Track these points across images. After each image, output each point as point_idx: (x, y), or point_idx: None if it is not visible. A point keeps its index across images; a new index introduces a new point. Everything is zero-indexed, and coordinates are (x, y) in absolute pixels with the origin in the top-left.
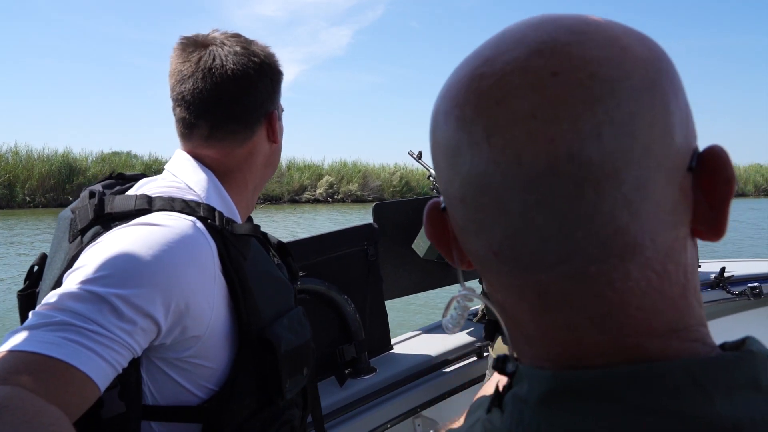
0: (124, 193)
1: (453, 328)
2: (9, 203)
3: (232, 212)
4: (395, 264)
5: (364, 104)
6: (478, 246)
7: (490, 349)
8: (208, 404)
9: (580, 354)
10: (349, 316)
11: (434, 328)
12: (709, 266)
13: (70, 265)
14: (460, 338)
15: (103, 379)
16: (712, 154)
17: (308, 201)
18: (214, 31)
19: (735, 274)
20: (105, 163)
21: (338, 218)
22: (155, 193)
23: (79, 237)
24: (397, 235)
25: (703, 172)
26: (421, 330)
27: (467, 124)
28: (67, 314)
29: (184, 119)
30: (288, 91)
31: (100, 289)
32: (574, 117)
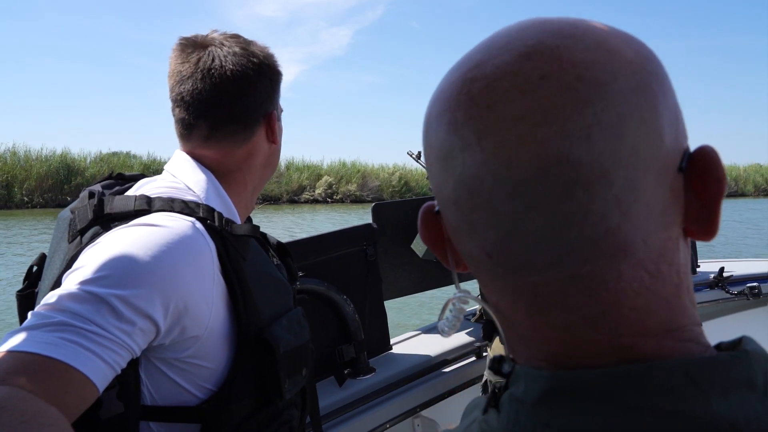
0: (124, 193)
1: (449, 330)
2: (7, 203)
3: (232, 213)
4: (394, 264)
5: (364, 104)
6: (472, 248)
7: (489, 349)
8: (206, 404)
9: (575, 354)
10: (349, 316)
11: (433, 328)
12: (708, 266)
13: (69, 265)
14: (460, 338)
15: (101, 380)
16: (703, 155)
17: (307, 201)
18: (213, 31)
19: (734, 274)
20: (103, 164)
21: (337, 219)
22: (154, 194)
23: (79, 237)
24: (397, 235)
25: (693, 172)
26: (421, 330)
27: (458, 128)
28: (66, 315)
29: (184, 120)
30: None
31: (99, 290)
32: (563, 119)
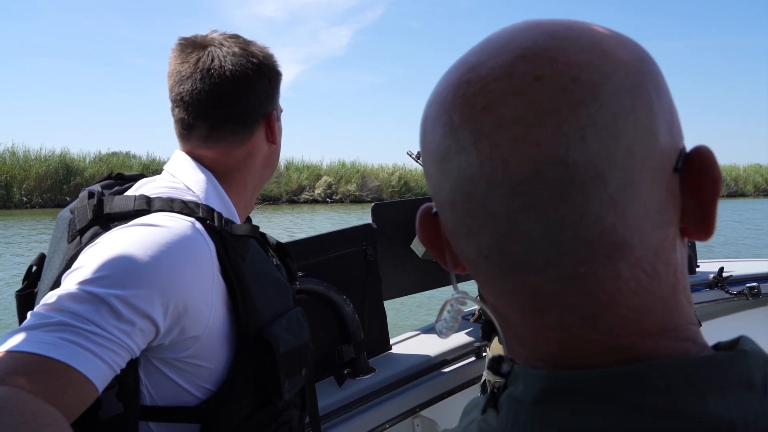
0: (123, 193)
1: (447, 332)
2: (6, 204)
3: (231, 213)
4: (394, 264)
5: (364, 104)
6: (469, 250)
7: (488, 349)
8: (206, 405)
9: (573, 354)
10: (348, 316)
11: (433, 328)
12: (708, 266)
13: (69, 265)
14: (459, 338)
15: (101, 380)
16: (699, 155)
17: (306, 201)
18: (213, 32)
19: (733, 274)
20: (102, 164)
21: (336, 219)
22: (154, 194)
23: (78, 237)
24: (396, 235)
25: (689, 172)
26: (420, 330)
27: (454, 130)
28: (66, 315)
29: (183, 120)
30: (288, 91)
31: (99, 290)
32: (558, 121)
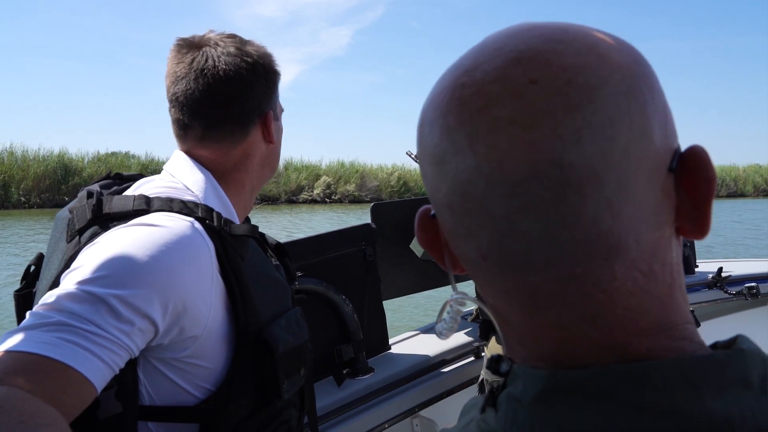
0: (122, 193)
1: (447, 333)
2: (4, 203)
3: (230, 213)
4: (393, 264)
5: (364, 104)
6: (468, 251)
7: (486, 349)
8: (205, 404)
9: (572, 353)
10: (347, 316)
11: (432, 328)
12: (707, 266)
13: (68, 265)
14: (458, 338)
15: (100, 380)
16: (693, 155)
17: (305, 201)
18: (210, 32)
19: (732, 274)
20: (101, 164)
21: (335, 219)
22: (153, 194)
23: (77, 237)
24: (395, 235)
25: (684, 172)
26: (419, 330)
27: (451, 133)
28: (65, 315)
29: (179, 120)
30: (288, 91)
31: (98, 290)
32: (554, 123)
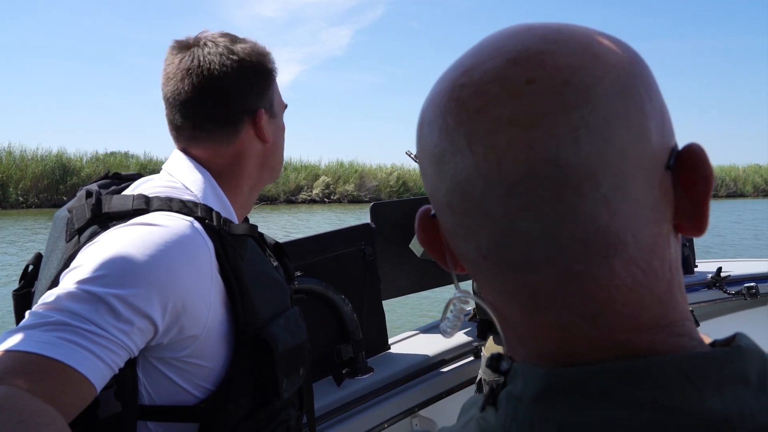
0: (121, 192)
1: (451, 331)
2: (2, 203)
3: (229, 212)
4: (393, 264)
5: (364, 104)
6: (468, 250)
7: (483, 349)
8: (204, 404)
9: (571, 351)
10: (347, 315)
11: (431, 328)
12: (706, 266)
13: (67, 264)
14: (457, 338)
15: (99, 380)
16: (690, 152)
17: (304, 201)
18: (204, 31)
19: (732, 274)
20: (100, 164)
21: (334, 219)
22: (152, 193)
23: (77, 236)
24: (395, 235)
25: (681, 169)
26: (419, 330)
27: (450, 133)
28: (65, 314)
29: (172, 121)
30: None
31: (98, 289)
32: (551, 123)
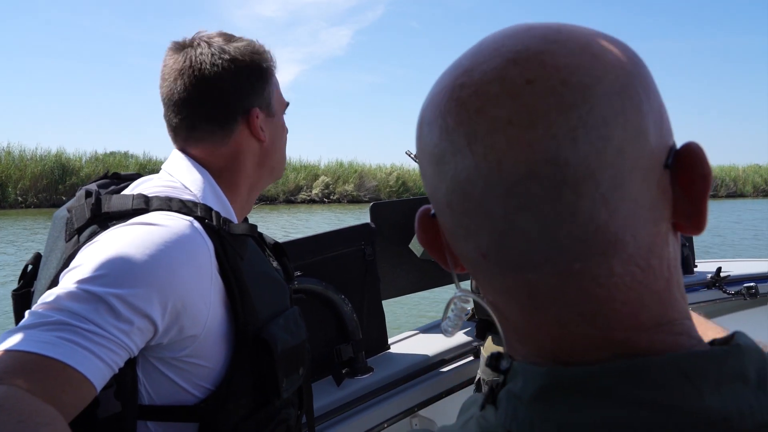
0: (120, 192)
1: (452, 330)
2: (1, 203)
3: (228, 212)
4: (392, 264)
5: (364, 104)
6: (468, 249)
7: (482, 348)
8: (204, 404)
9: (571, 350)
10: (347, 315)
11: (431, 328)
12: (706, 266)
13: (67, 264)
14: (457, 338)
15: (99, 379)
16: (688, 151)
17: (304, 201)
18: (201, 32)
19: (731, 274)
20: (99, 163)
21: (333, 219)
22: (152, 193)
23: (76, 236)
24: (394, 235)
25: (680, 168)
26: (418, 330)
27: (449, 133)
28: (64, 314)
29: (168, 121)
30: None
31: (98, 289)
32: (549, 123)
